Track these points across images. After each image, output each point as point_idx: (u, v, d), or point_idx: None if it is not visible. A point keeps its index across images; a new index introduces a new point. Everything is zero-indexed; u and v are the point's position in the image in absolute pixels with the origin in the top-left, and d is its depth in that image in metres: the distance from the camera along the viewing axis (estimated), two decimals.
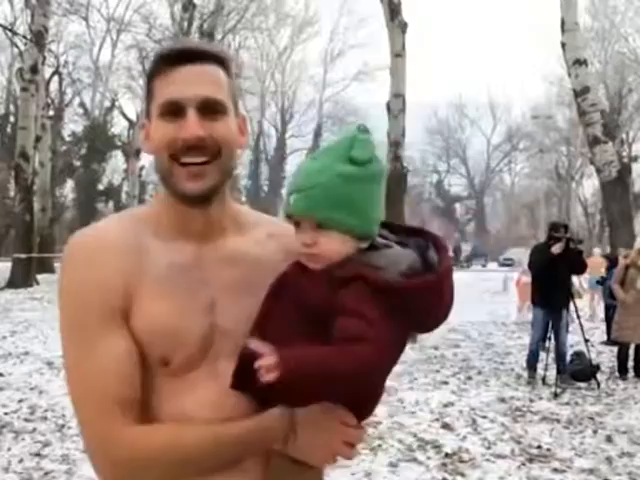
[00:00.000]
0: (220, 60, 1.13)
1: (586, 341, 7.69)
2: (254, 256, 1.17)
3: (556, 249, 7.15)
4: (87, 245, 1.12)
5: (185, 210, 1.13)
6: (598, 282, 12.57)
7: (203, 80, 1.09)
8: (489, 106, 56.44)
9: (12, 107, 37.67)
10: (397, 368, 1.19)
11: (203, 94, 1.08)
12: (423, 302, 1.05)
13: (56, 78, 34.52)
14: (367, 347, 0.99)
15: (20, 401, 6.03)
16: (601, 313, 12.49)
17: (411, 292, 1.03)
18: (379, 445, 4.83)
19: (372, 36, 41.45)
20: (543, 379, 7.42)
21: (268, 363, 0.97)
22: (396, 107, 13.59)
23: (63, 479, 4.14)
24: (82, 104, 41.54)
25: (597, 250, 10.90)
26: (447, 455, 4.73)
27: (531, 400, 6.63)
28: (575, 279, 10.36)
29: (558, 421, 5.81)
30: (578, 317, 7.67)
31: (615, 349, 8.50)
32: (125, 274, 1.08)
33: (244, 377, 1.06)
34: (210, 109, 1.08)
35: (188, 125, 1.06)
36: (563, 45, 14.39)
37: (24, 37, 21.77)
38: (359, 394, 1.09)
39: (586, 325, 9.92)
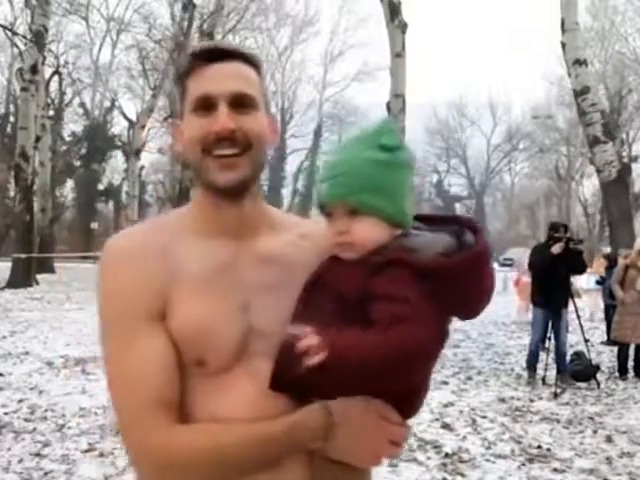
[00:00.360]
0: (251, 60, 1.16)
1: (586, 341, 7.69)
2: (288, 256, 1.17)
3: (556, 249, 7.15)
4: (122, 249, 1.14)
5: (219, 205, 1.14)
6: (598, 282, 12.58)
7: (234, 76, 1.12)
8: (489, 106, 56.48)
9: (12, 107, 37.68)
10: None
11: (234, 89, 1.10)
12: (463, 282, 1.02)
13: (56, 78, 34.51)
14: (413, 326, 0.97)
15: (20, 401, 6.02)
16: (601, 313, 12.50)
17: (450, 271, 1.01)
18: None
19: (372, 36, 41.49)
20: (543, 379, 7.42)
21: (313, 343, 0.95)
22: (396, 107, 13.61)
23: (63, 479, 4.13)
24: (82, 104, 41.58)
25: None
26: (447, 455, 4.73)
27: (531, 400, 6.63)
28: (574, 279, 10.35)
29: (558, 421, 5.81)
30: (578, 317, 7.67)
31: (615, 349, 8.50)
32: (160, 276, 1.09)
33: (282, 377, 1.05)
34: (241, 103, 1.11)
35: (219, 118, 1.08)
36: (563, 45, 14.39)
37: (24, 37, 21.76)
38: (402, 382, 1.04)
39: (586, 325, 9.93)
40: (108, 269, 1.12)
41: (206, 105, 1.10)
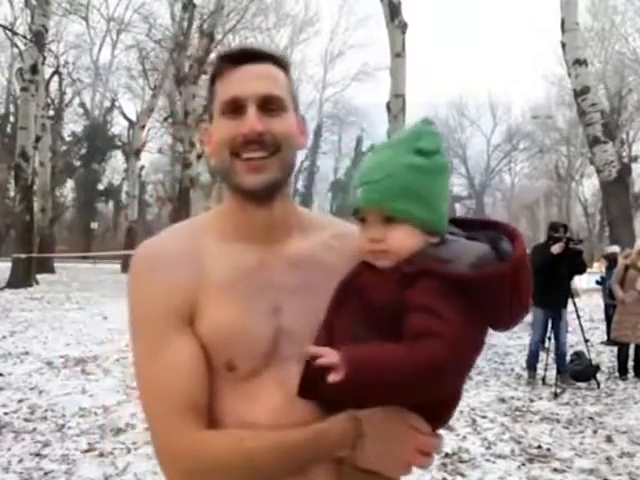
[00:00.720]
0: (280, 62, 1.16)
1: (586, 341, 7.70)
2: (319, 258, 1.16)
3: (556, 249, 7.16)
4: (152, 255, 1.15)
5: (247, 208, 1.13)
6: (598, 282, 12.58)
7: (263, 77, 1.11)
8: (489, 106, 56.39)
9: (12, 107, 37.67)
10: None
11: (263, 91, 1.10)
12: (497, 294, 0.99)
13: (56, 78, 34.47)
14: (437, 343, 0.94)
15: (20, 401, 6.02)
16: (601, 313, 12.50)
17: (483, 283, 0.97)
18: None
19: (372, 36, 41.40)
20: (543, 379, 7.42)
21: (331, 361, 0.94)
22: (396, 107, 13.63)
23: (63, 479, 4.13)
24: (82, 104, 41.55)
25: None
26: (447, 455, 4.72)
27: (531, 400, 6.63)
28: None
29: (558, 421, 5.81)
30: (578, 317, 7.66)
31: (615, 349, 8.50)
32: (190, 282, 1.10)
33: (310, 384, 1.03)
34: (270, 105, 1.10)
35: (247, 121, 1.08)
36: (563, 45, 14.40)
37: (24, 37, 21.74)
38: (432, 396, 1.02)
39: (586, 325, 9.93)
40: (139, 275, 1.14)
41: (234, 108, 1.10)
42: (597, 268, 13.27)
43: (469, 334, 0.99)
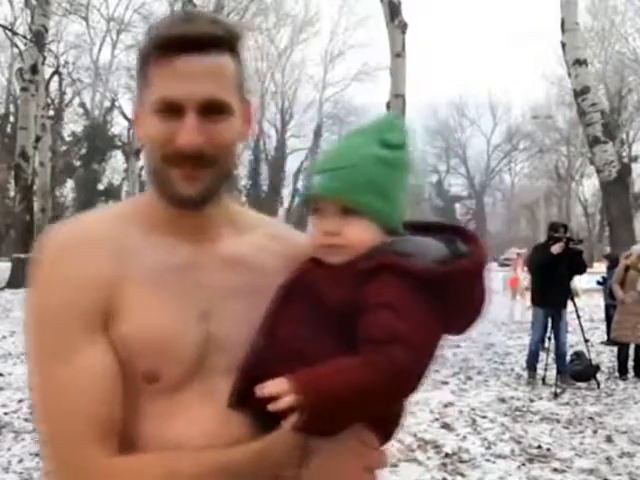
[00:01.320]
0: (228, 43, 0.98)
1: (586, 341, 7.70)
2: (254, 259, 1.05)
3: (556, 249, 7.16)
4: (69, 241, 0.97)
5: (178, 212, 1.00)
6: (599, 282, 12.57)
7: (207, 76, 0.94)
8: (489, 106, 56.48)
9: (12, 107, 37.69)
10: None
11: (205, 94, 0.93)
12: (461, 292, 0.92)
13: (56, 78, 34.50)
14: (399, 348, 0.85)
15: (20, 401, 6.02)
16: (601, 313, 12.50)
17: (448, 280, 0.90)
18: None
19: (372, 36, 41.38)
20: (543, 379, 7.42)
21: (290, 403, 0.83)
22: (396, 107, 13.62)
23: None
24: (82, 104, 41.60)
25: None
26: (447, 455, 4.72)
27: (531, 400, 6.63)
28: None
29: (558, 421, 5.81)
30: (578, 317, 7.67)
31: (615, 349, 8.51)
32: (108, 276, 0.94)
33: (243, 394, 0.93)
34: (212, 110, 0.95)
35: (185, 131, 0.92)
36: (563, 45, 14.42)
37: (24, 37, 21.77)
38: (391, 407, 0.95)
39: (586, 325, 9.93)
40: (47, 264, 0.96)
41: (171, 109, 0.93)
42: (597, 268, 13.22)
43: (432, 335, 0.92)
